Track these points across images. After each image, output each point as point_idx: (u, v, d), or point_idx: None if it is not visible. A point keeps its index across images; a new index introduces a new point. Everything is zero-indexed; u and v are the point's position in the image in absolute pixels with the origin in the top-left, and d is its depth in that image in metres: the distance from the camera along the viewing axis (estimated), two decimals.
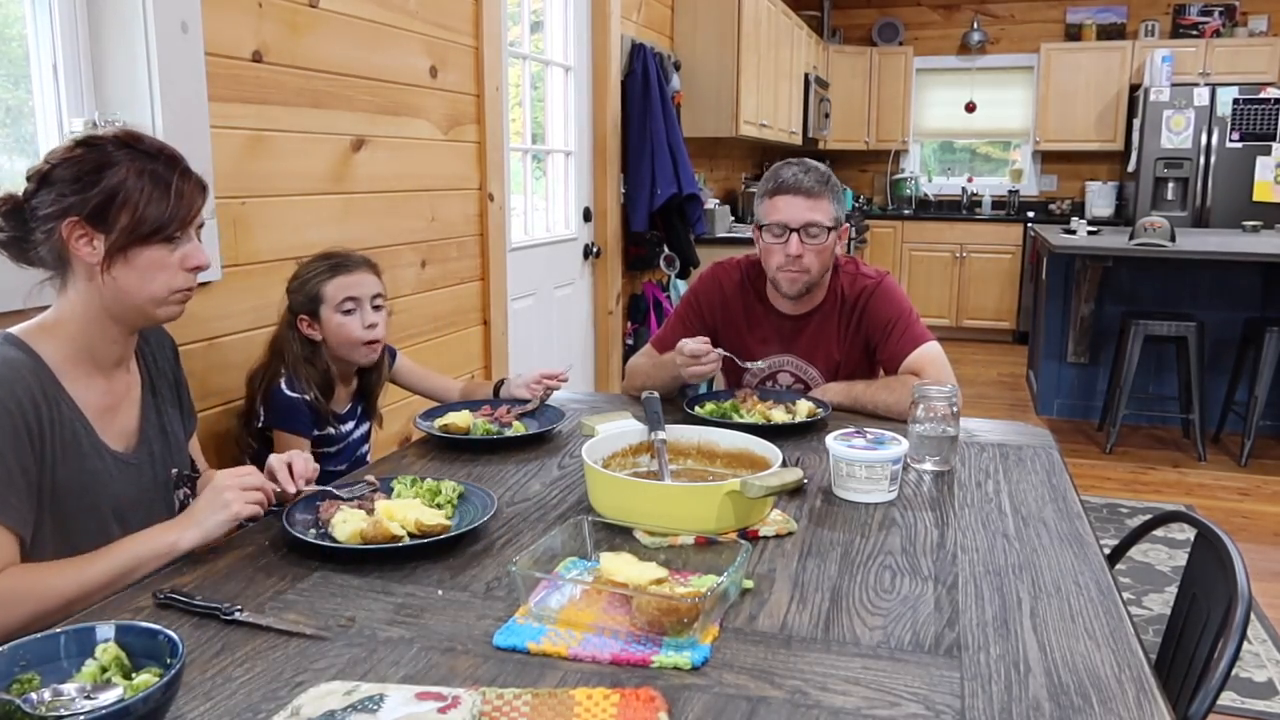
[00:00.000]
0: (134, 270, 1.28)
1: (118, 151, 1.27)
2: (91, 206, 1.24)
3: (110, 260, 1.26)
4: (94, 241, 1.26)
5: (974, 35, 7.56)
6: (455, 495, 1.41)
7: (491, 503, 1.37)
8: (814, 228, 2.00)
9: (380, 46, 2.54)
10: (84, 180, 1.25)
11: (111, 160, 1.26)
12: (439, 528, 1.28)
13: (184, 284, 1.33)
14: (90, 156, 1.27)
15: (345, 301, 1.89)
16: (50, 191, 1.26)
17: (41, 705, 0.85)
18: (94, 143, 1.28)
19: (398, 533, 1.27)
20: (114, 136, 1.30)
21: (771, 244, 2.04)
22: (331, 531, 1.28)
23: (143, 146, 1.30)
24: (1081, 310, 4.91)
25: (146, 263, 1.28)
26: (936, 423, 1.64)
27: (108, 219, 1.25)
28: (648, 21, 4.59)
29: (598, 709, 0.90)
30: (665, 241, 4.50)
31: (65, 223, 1.24)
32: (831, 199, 2.04)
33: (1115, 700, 0.94)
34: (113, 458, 1.33)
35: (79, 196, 1.24)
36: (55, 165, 1.27)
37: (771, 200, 2.04)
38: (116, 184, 1.25)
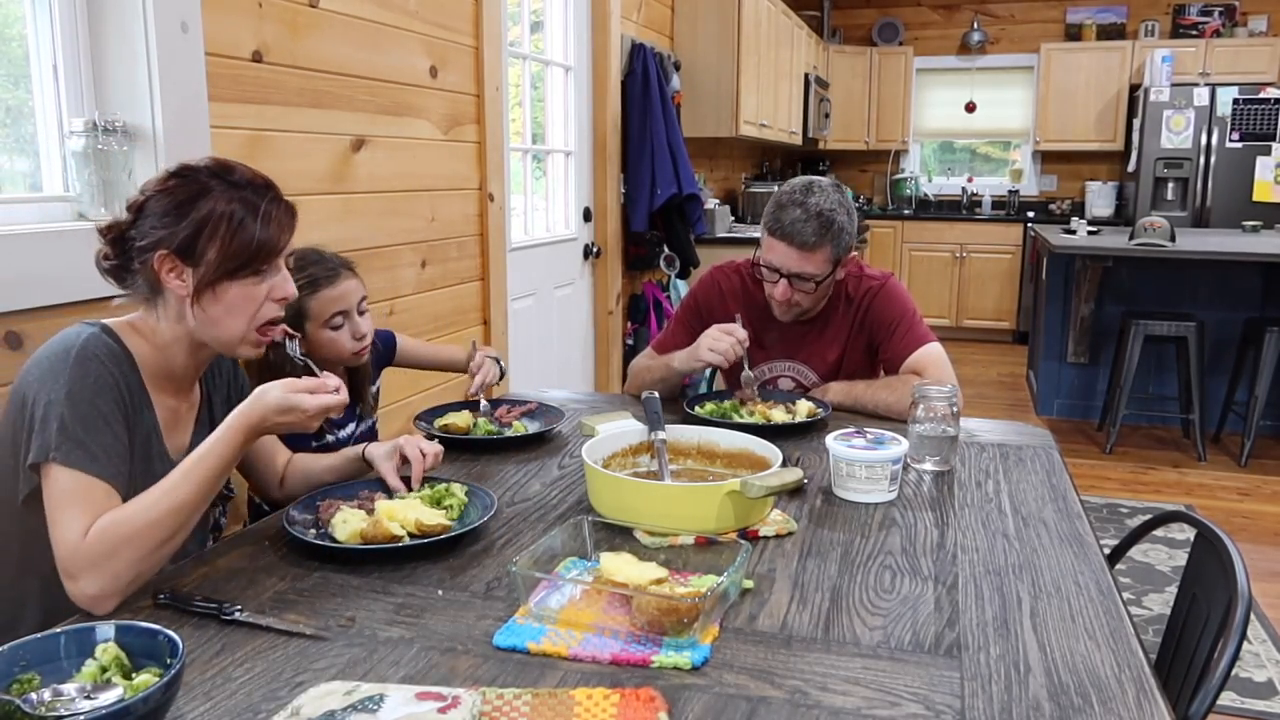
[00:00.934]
0: (221, 305, 1.28)
1: (209, 181, 1.28)
2: (180, 240, 1.25)
3: (199, 294, 1.27)
4: (183, 275, 1.26)
5: (974, 35, 7.56)
6: (464, 495, 1.41)
7: (492, 503, 1.37)
8: (803, 278, 1.98)
9: (380, 46, 2.54)
10: (174, 213, 1.26)
11: (202, 192, 1.27)
12: (439, 528, 1.29)
13: (270, 314, 1.33)
14: (181, 188, 1.27)
15: (334, 317, 1.76)
16: (145, 223, 1.27)
17: (41, 705, 0.85)
18: (186, 174, 1.29)
19: (398, 533, 1.27)
20: (206, 166, 1.30)
21: (763, 277, 2.05)
22: (331, 532, 1.28)
23: (234, 177, 1.30)
24: (1081, 310, 4.91)
25: (234, 298, 1.29)
26: (936, 423, 1.64)
27: (195, 253, 1.26)
28: (648, 21, 4.59)
29: (598, 709, 0.90)
30: (665, 241, 4.50)
31: (156, 255, 1.25)
32: (832, 245, 1.96)
33: (1115, 700, 0.94)
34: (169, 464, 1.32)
35: (169, 230, 1.25)
36: (149, 197, 1.28)
37: (769, 238, 1.99)
38: (204, 217, 1.25)
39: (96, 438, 1.18)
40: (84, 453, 1.17)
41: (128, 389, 1.25)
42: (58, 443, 1.16)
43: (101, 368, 1.22)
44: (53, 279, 1.65)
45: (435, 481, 1.44)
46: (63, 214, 1.81)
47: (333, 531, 1.28)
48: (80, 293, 1.68)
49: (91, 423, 1.18)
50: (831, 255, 1.98)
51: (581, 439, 1.67)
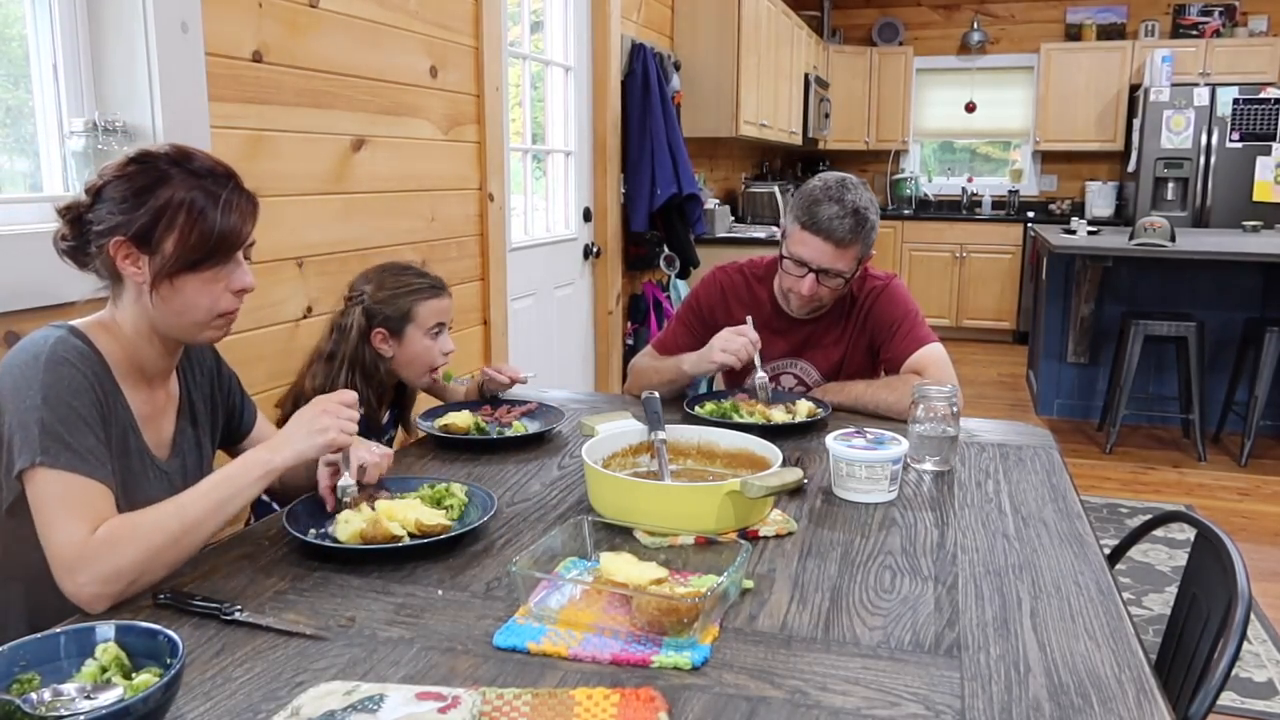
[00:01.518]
0: (179, 295, 1.27)
1: (168, 169, 1.25)
2: (137, 228, 1.23)
3: (156, 284, 1.25)
4: (139, 263, 1.25)
5: (974, 35, 7.56)
6: (464, 495, 1.41)
7: (492, 503, 1.37)
8: (835, 273, 1.98)
9: (380, 46, 2.54)
10: (131, 200, 1.24)
11: (161, 179, 1.24)
12: (439, 528, 1.29)
13: (228, 306, 1.31)
14: (140, 174, 1.25)
15: (435, 326, 1.88)
16: (102, 207, 1.25)
17: (41, 705, 0.85)
18: (145, 159, 1.26)
19: (398, 533, 1.26)
20: (165, 154, 1.27)
21: (788, 271, 2.02)
22: (332, 532, 1.28)
23: (193, 165, 1.27)
24: (1081, 310, 4.91)
25: (191, 289, 1.27)
26: (936, 423, 1.64)
27: (152, 242, 1.24)
28: (648, 21, 4.59)
29: (598, 709, 0.90)
30: (665, 241, 4.50)
31: (113, 241, 1.24)
32: (861, 244, 1.97)
33: (1115, 700, 0.94)
34: (151, 462, 1.34)
35: (126, 216, 1.23)
36: (107, 182, 1.25)
37: (801, 232, 1.96)
38: (162, 205, 1.23)
39: (80, 439, 1.18)
40: (71, 454, 1.16)
41: (101, 389, 1.24)
42: (43, 446, 1.15)
43: (73, 370, 1.21)
44: (53, 279, 1.65)
45: (435, 481, 1.44)
46: None
47: (334, 531, 1.28)
48: (80, 293, 1.67)
49: (73, 425, 1.18)
50: (860, 253, 1.99)
51: (581, 439, 1.67)
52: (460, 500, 1.39)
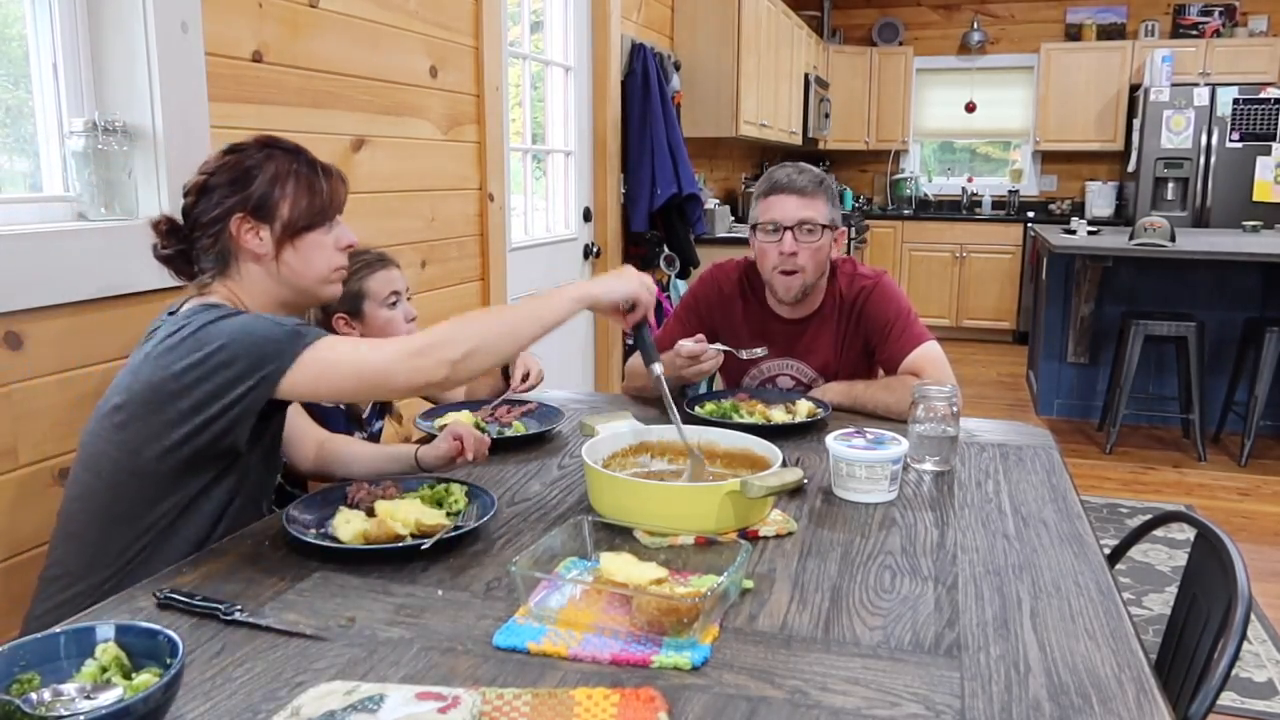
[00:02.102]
0: (300, 254, 1.42)
1: (262, 151, 1.42)
2: (254, 201, 1.39)
3: (279, 248, 1.40)
4: (260, 233, 1.39)
5: (974, 35, 7.57)
6: (464, 495, 1.41)
7: (492, 503, 1.37)
8: (808, 225, 2.00)
9: (380, 46, 2.54)
10: (239, 181, 1.39)
11: (259, 161, 1.41)
12: (439, 527, 1.29)
13: (339, 262, 1.47)
14: (240, 160, 1.41)
15: (390, 295, 1.90)
16: (211, 198, 1.39)
17: (41, 705, 0.85)
18: (238, 149, 1.43)
19: (401, 532, 1.27)
20: (253, 142, 1.44)
21: (765, 243, 2.03)
22: (333, 532, 1.28)
23: (282, 146, 1.44)
24: (1081, 310, 4.91)
25: (309, 246, 1.43)
26: (936, 423, 1.64)
27: (270, 212, 1.39)
28: (648, 21, 4.59)
29: (598, 709, 0.90)
30: (665, 241, 4.50)
31: (233, 220, 1.38)
32: (826, 199, 2.04)
33: (1115, 700, 0.94)
34: None
35: (240, 195, 1.38)
36: (210, 174, 1.40)
37: (766, 200, 2.05)
38: (272, 178, 1.40)
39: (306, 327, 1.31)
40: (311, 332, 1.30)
41: None
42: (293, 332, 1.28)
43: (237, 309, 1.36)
44: (53, 279, 1.65)
45: (435, 481, 1.44)
46: (63, 214, 1.81)
47: (334, 532, 1.28)
48: (80, 293, 1.69)
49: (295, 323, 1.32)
50: (828, 211, 2.03)
51: (581, 439, 1.67)
52: (460, 500, 1.40)
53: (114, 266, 1.74)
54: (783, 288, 2.05)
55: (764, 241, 2.04)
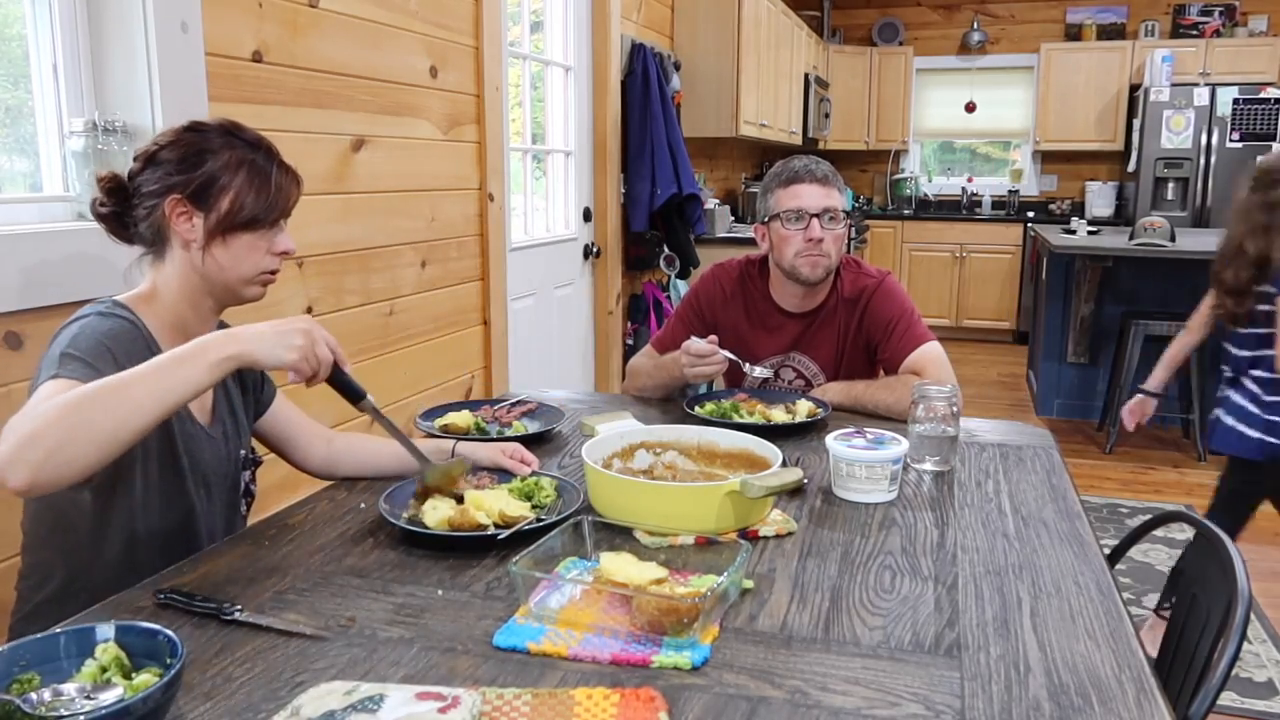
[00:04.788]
0: (229, 251, 1.35)
1: (220, 138, 1.35)
2: (194, 186, 1.32)
3: (209, 239, 1.34)
4: (193, 219, 1.33)
5: (974, 35, 7.57)
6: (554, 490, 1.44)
7: (578, 496, 1.40)
8: (831, 213, 2.04)
9: (380, 46, 2.54)
10: (189, 161, 1.33)
11: (215, 146, 1.34)
12: (521, 519, 1.31)
13: (271, 266, 1.40)
14: (195, 140, 1.34)
15: None
16: (156, 170, 1.33)
17: (41, 705, 0.85)
18: (200, 129, 1.36)
19: (484, 522, 1.29)
20: (217, 125, 1.38)
21: (789, 231, 2.04)
22: (420, 517, 1.32)
23: (244, 136, 1.38)
24: (1081, 310, 4.91)
25: (241, 246, 1.36)
26: (936, 423, 1.64)
27: (208, 200, 1.33)
28: (648, 21, 4.59)
29: (598, 709, 0.90)
30: (665, 241, 4.50)
31: (169, 199, 1.32)
32: (840, 190, 2.10)
33: (1115, 700, 0.94)
34: (198, 427, 1.39)
35: (183, 176, 1.32)
36: (162, 146, 1.34)
37: (786, 189, 2.06)
38: (219, 168, 1.33)
39: (102, 364, 1.20)
40: (88, 369, 1.18)
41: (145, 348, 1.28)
42: (61, 363, 1.19)
43: (115, 324, 1.27)
44: (53, 279, 1.65)
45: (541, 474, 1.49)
46: (63, 214, 1.81)
47: (422, 517, 1.32)
48: (80, 293, 1.68)
49: (97, 353, 1.21)
50: (841, 203, 2.08)
51: (581, 439, 1.67)
52: (550, 494, 1.42)
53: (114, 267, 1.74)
54: (808, 267, 2.04)
55: (789, 230, 2.04)
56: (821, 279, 2.07)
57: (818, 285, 2.09)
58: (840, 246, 2.07)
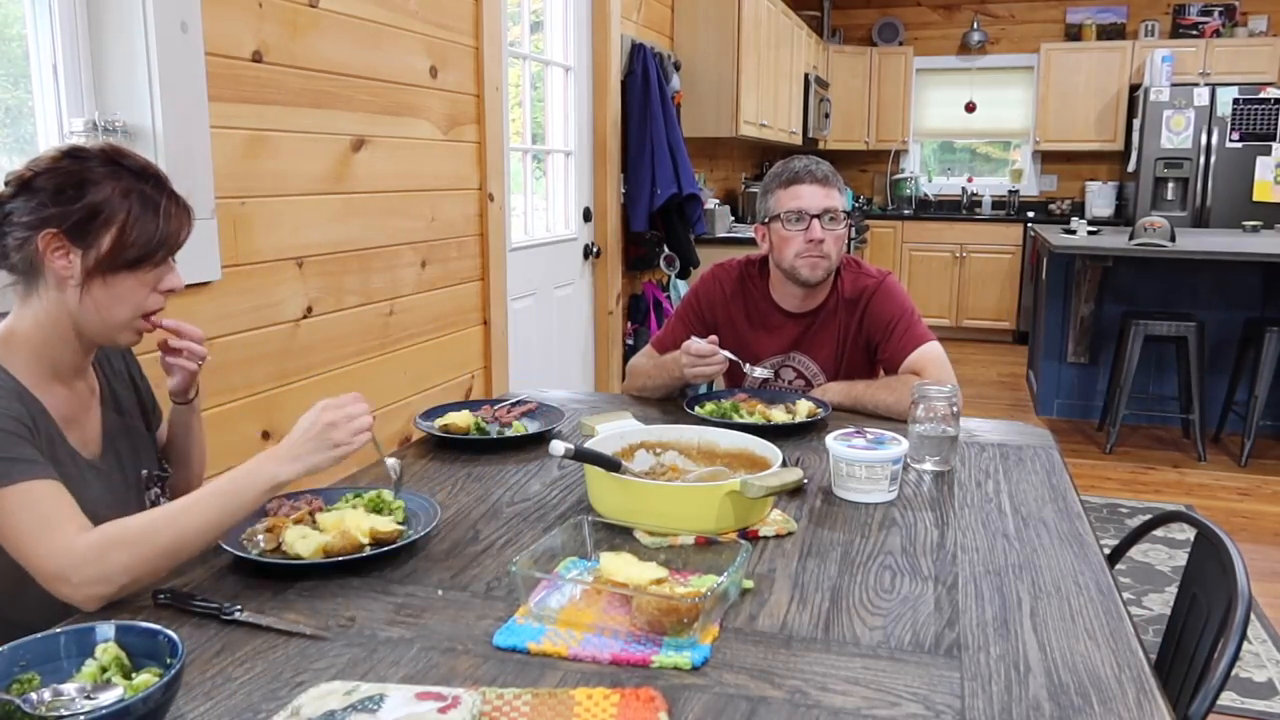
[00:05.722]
0: (109, 291, 1.25)
1: (103, 167, 1.24)
2: (72, 221, 1.21)
3: (87, 278, 1.23)
4: (70, 256, 1.22)
5: (974, 35, 7.56)
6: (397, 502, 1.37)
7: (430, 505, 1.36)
8: (831, 213, 2.04)
9: (380, 46, 2.54)
10: (67, 193, 1.21)
11: (97, 176, 1.23)
12: (395, 534, 1.26)
13: (154, 305, 1.30)
14: (75, 169, 1.23)
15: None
16: (31, 199, 1.21)
17: (41, 705, 0.85)
18: (79, 155, 1.25)
19: (363, 542, 1.23)
20: (99, 151, 1.26)
21: (790, 232, 2.04)
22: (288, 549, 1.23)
23: (128, 164, 1.26)
24: (1081, 310, 4.91)
25: (124, 286, 1.25)
26: (936, 423, 1.64)
27: (88, 237, 1.22)
28: (648, 21, 4.59)
29: (598, 709, 0.90)
30: (665, 241, 4.50)
31: (43, 234, 1.20)
32: (840, 190, 2.10)
33: (1115, 700, 0.94)
34: (84, 464, 1.31)
35: (60, 209, 1.21)
36: (38, 174, 1.23)
37: (787, 189, 2.06)
38: (100, 201, 1.22)
39: (19, 449, 1.15)
40: (18, 465, 1.13)
41: (17, 399, 1.21)
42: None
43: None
44: None
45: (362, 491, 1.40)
46: None
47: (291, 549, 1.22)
48: None
49: (5, 441, 1.14)
50: (843, 201, 2.09)
51: (581, 439, 1.67)
52: (399, 505, 1.36)
53: None
54: (808, 267, 2.04)
55: (789, 230, 2.04)
56: (822, 279, 2.07)
57: (818, 286, 2.09)
58: (841, 247, 2.07)
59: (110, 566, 1.11)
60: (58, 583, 1.11)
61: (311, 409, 1.24)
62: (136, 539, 1.13)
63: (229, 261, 2.05)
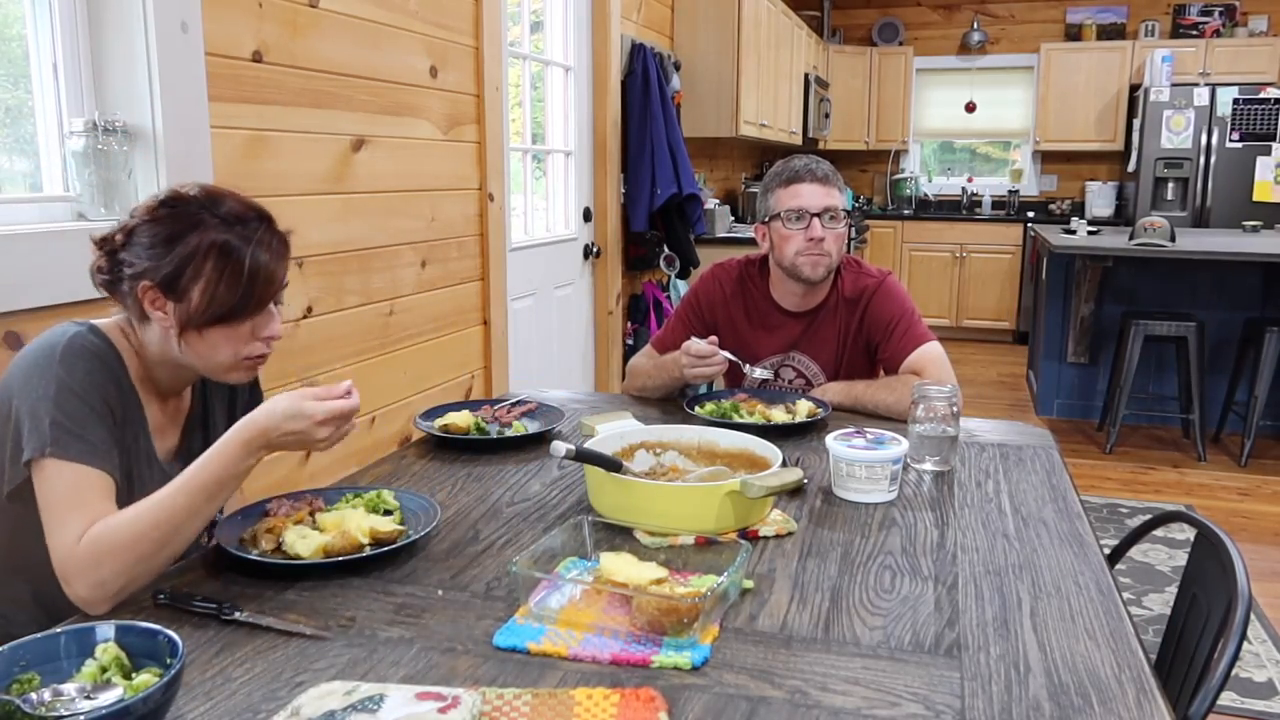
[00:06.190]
0: (205, 342, 1.26)
1: (199, 213, 1.24)
2: (164, 276, 1.23)
3: (183, 331, 1.25)
4: (165, 309, 1.24)
5: (974, 35, 7.57)
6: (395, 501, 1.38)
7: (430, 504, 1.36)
8: (832, 212, 2.05)
9: (380, 46, 2.54)
10: (160, 246, 1.23)
11: (190, 225, 1.24)
12: (395, 534, 1.26)
13: (256, 352, 1.31)
14: (169, 218, 1.24)
15: None
16: (132, 249, 1.25)
17: (41, 705, 0.85)
18: (175, 203, 1.26)
19: (363, 541, 1.23)
20: (195, 197, 1.27)
21: (790, 231, 2.05)
22: (288, 549, 1.22)
23: (223, 210, 1.26)
24: (1081, 310, 4.91)
25: (218, 337, 1.27)
26: (936, 423, 1.64)
27: (178, 290, 1.23)
28: (648, 21, 4.59)
29: (598, 709, 0.90)
30: (665, 241, 4.50)
31: (141, 285, 1.24)
32: (840, 189, 2.11)
33: (1115, 700, 0.94)
34: (161, 469, 1.33)
35: (154, 263, 1.23)
36: (138, 224, 1.26)
37: (787, 188, 2.07)
38: (189, 253, 1.23)
39: (91, 430, 1.18)
40: (82, 444, 1.17)
41: (117, 387, 1.25)
42: (54, 437, 1.15)
43: (91, 363, 1.22)
44: (53, 279, 1.65)
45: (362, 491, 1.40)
46: (63, 214, 1.82)
47: (291, 549, 1.22)
48: (80, 293, 1.68)
49: (84, 417, 1.18)
50: (842, 202, 2.10)
51: (581, 439, 1.67)
52: (395, 505, 1.37)
53: None
54: (809, 265, 2.04)
55: (789, 229, 2.05)
56: (823, 278, 2.07)
57: (818, 285, 2.09)
58: (841, 246, 2.07)
59: (104, 573, 1.12)
60: (63, 583, 1.13)
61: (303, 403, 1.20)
62: (126, 541, 1.13)
63: None
